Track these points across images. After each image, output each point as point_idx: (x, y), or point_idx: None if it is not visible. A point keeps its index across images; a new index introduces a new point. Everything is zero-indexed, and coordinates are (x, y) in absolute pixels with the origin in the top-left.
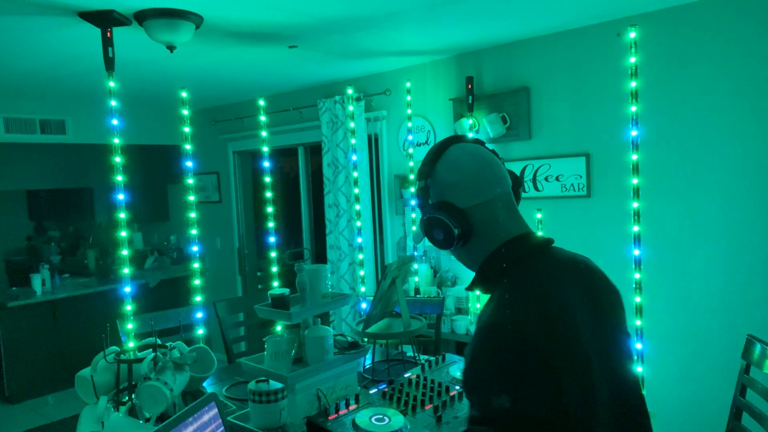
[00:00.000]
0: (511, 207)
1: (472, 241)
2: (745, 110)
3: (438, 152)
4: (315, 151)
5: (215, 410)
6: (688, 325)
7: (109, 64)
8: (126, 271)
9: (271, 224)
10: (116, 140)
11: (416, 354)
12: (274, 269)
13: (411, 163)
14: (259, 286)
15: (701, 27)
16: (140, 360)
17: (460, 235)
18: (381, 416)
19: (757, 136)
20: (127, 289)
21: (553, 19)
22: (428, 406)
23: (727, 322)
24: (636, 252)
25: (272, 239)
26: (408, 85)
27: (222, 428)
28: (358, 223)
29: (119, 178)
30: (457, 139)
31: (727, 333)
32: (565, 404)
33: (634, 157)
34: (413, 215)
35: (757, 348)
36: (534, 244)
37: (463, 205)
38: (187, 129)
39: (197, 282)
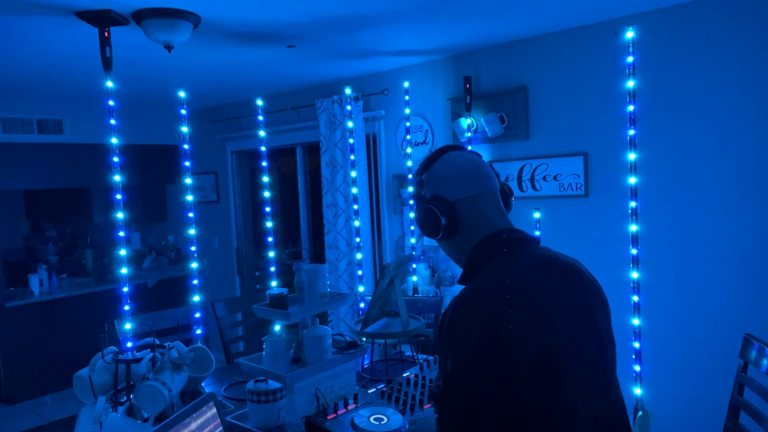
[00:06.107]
0: (497, 206)
1: (460, 233)
2: (743, 109)
3: (436, 154)
4: (313, 150)
5: (214, 410)
6: (685, 324)
7: (107, 63)
8: (124, 271)
9: (269, 224)
10: (114, 140)
11: (414, 353)
12: (273, 269)
13: (409, 163)
14: (258, 286)
15: (698, 26)
16: (138, 360)
17: (447, 225)
18: (379, 416)
19: (754, 135)
20: (125, 289)
21: (550, 19)
22: (427, 406)
23: (724, 321)
24: (634, 251)
25: (270, 239)
26: (406, 84)
27: (221, 428)
28: (357, 223)
29: (117, 178)
30: (453, 146)
31: (724, 332)
32: (518, 385)
33: (632, 156)
34: (411, 214)
35: (755, 347)
36: (514, 238)
37: (452, 198)
38: (185, 129)
39: (195, 282)
